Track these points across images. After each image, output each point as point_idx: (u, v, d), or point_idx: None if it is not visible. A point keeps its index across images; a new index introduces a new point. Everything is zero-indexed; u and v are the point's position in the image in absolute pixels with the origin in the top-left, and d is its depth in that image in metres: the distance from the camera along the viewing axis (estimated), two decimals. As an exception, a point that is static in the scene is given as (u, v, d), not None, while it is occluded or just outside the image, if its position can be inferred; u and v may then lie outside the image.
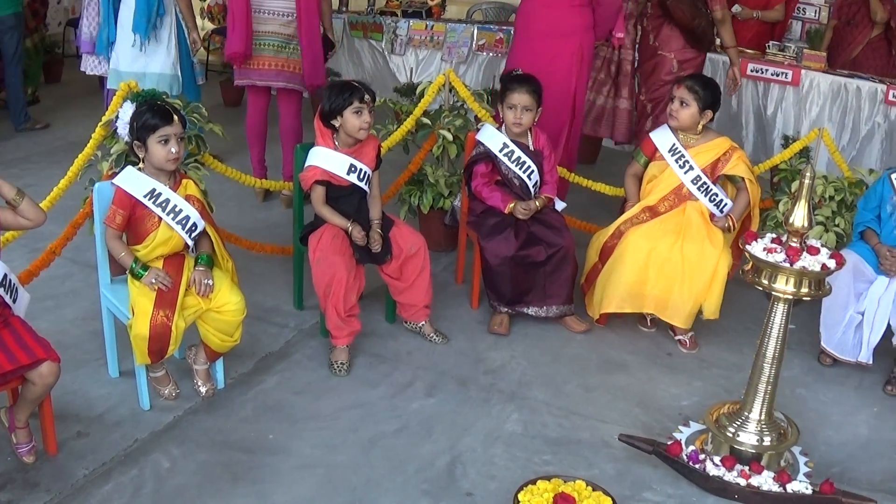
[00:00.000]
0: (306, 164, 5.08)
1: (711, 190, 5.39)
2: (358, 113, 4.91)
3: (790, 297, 3.95)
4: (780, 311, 4.05)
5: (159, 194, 4.39)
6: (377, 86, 6.60)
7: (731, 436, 4.19)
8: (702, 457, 4.16)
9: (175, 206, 4.41)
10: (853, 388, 5.20)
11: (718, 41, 7.46)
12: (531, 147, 5.55)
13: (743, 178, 5.43)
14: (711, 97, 5.41)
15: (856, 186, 5.92)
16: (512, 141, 5.49)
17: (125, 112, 4.63)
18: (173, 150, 4.34)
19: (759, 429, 4.17)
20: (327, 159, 5.02)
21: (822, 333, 5.26)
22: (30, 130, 8.87)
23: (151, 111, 4.37)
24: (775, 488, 4.02)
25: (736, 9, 8.98)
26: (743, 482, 4.06)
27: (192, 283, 4.41)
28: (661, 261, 5.29)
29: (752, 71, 8.66)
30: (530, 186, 5.52)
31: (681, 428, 4.47)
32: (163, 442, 4.33)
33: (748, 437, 4.16)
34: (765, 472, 4.06)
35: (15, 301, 4.08)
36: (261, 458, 4.26)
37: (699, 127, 5.45)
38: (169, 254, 4.49)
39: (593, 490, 3.84)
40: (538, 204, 5.46)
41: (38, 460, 4.11)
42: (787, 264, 3.86)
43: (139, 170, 4.43)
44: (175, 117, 4.39)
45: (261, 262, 6.09)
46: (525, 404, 4.82)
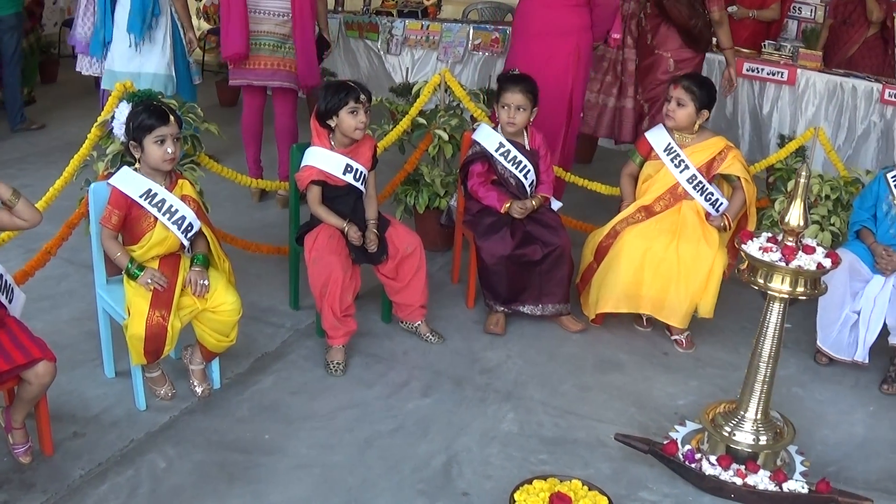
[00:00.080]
0: (302, 164, 5.08)
1: (707, 189, 5.39)
2: (354, 113, 4.91)
3: (786, 296, 3.95)
4: (775, 311, 4.05)
5: (155, 195, 4.39)
6: (373, 86, 6.62)
7: (727, 435, 4.19)
8: (698, 456, 4.16)
9: (171, 206, 4.41)
10: (849, 388, 5.21)
11: (715, 41, 7.46)
12: (527, 146, 5.55)
13: (739, 178, 5.43)
14: (708, 97, 5.41)
15: (851, 185, 5.92)
16: (508, 140, 5.49)
17: (121, 112, 4.62)
18: (169, 150, 4.34)
19: (755, 428, 4.17)
20: (323, 159, 5.02)
21: (818, 333, 5.26)
22: (26, 131, 8.86)
23: (147, 111, 4.36)
24: (771, 487, 4.02)
25: (732, 8, 8.96)
26: (739, 481, 4.06)
27: (188, 283, 4.41)
28: (657, 261, 5.29)
29: (747, 70, 8.65)
30: (526, 186, 5.52)
31: (677, 427, 4.47)
32: (159, 442, 4.32)
33: (744, 437, 4.17)
34: (761, 472, 4.07)
35: (11, 301, 4.08)
36: (257, 458, 4.26)
37: (696, 126, 5.45)
38: (165, 254, 4.48)
39: (589, 489, 3.85)
40: (534, 203, 5.46)
41: (35, 461, 4.11)
42: (783, 263, 3.86)
43: (135, 170, 4.42)
44: (171, 117, 4.39)
45: (257, 262, 6.09)
46: (521, 404, 4.82)
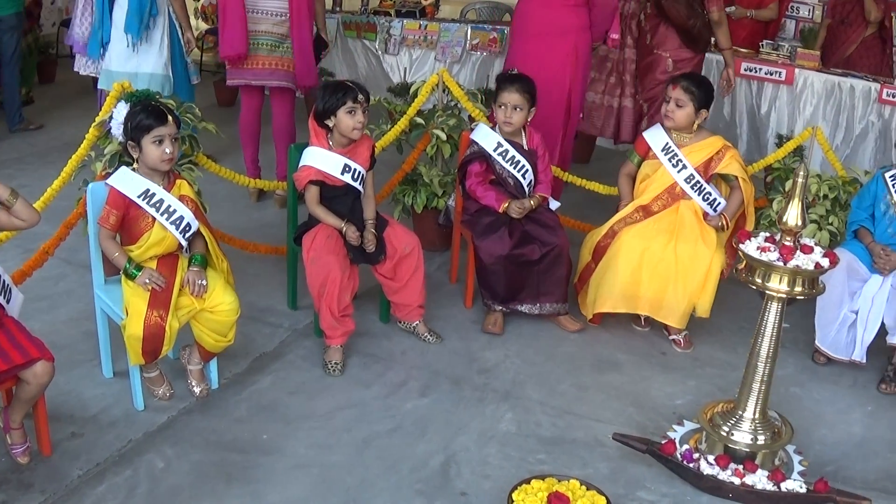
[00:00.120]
0: (300, 164, 5.07)
1: (705, 189, 5.39)
2: (351, 113, 4.91)
3: (784, 295, 3.95)
4: (773, 310, 4.05)
5: (153, 195, 4.38)
6: (371, 86, 6.61)
7: (725, 435, 4.19)
8: (696, 456, 4.17)
9: (169, 206, 4.40)
10: (847, 387, 5.21)
11: (713, 41, 7.46)
12: (525, 146, 5.55)
13: (736, 177, 5.43)
14: (706, 96, 5.42)
15: (850, 185, 5.92)
16: (506, 140, 5.49)
17: (119, 112, 4.61)
18: (167, 150, 4.33)
19: (753, 427, 4.18)
20: (321, 159, 5.02)
21: (817, 332, 5.27)
22: (24, 131, 8.84)
23: (146, 111, 4.36)
24: (769, 487, 4.02)
25: (730, 8, 8.96)
26: (737, 481, 4.06)
27: (186, 283, 4.41)
28: (655, 261, 5.30)
29: (745, 70, 8.66)
30: (524, 185, 5.52)
31: (675, 427, 4.47)
32: (157, 442, 4.32)
33: (742, 436, 4.17)
34: (759, 471, 4.06)
35: (8, 301, 4.08)
36: (255, 458, 4.26)
37: (695, 126, 5.45)
38: (163, 254, 4.48)
39: (587, 489, 3.85)
40: (532, 203, 5.46)
41: (33, 461, 4.11)
42: (781, 263, 3.86)
43: (133, 170, 4.42)
44: (169, 118, 4.38)
45: (255, 262, 6.08)
46: (519, 404, 4.82)
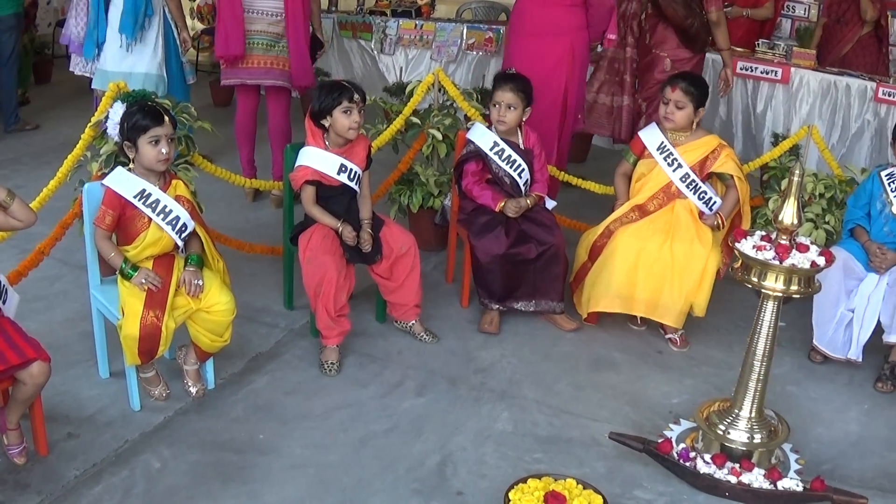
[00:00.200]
0: (297, 164, 5.07)
1: (700, 188, 5.40)
2: (347, 112, 4.91)
3: (780, 294, 3.95)
4: (769, 309, 4.05)
5: (149, 195, 4.38)
6: (367, 86, 6.60)
7: (721, 433, 4.20)
8: (692, 454, 4.16)
9: (165, 206, 4.40)
10: (844, 386, 5.21)
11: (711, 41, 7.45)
12: (521, 145, 5.55)
13: (732, 176, 5.43)
14: (703, 94, 5.44)
15: (846, 184, 5.93)
16: (502, 139, 5.49)
17: (115, 112, 4.61)
18: (164, 150, 4.33)
19: (749, 426, 4.18)
20: (318, 159, 5.02)
21: (814, 331, 5.27)
22: (20, 131, 8.84)
23: (142, 112, 4.36)
24: (766, 486, 4.03)
25: (726, 7, 8.93)
26: (733, 480, 4.06)
27: (182, 283, 4.41)
28: (651, 260, 5.30)
29: (741, 69, 8.64)
30: (521, 185, 5.52)
31: (671, 426, 4.47)
32: (153, 443, 4.32)
33: (739, 435, 4.17)
34: (755, 470, 4.06)
35: (4, 302, 4.08)
36: (251, 458, 4.25)
37: (693, 125, 5.46)
38: (159, 254, 4.48)
39: (584, 488, 3.85)
40: (529, 202, 5.47)
41: (29, 461, 4.10)
42: (777, 262, 3.86)
43: (129, 170, 4.42)
44: (166, 118, 4.38)
45: (251, 262, 6.08)
46: (515, 403, 4.82)
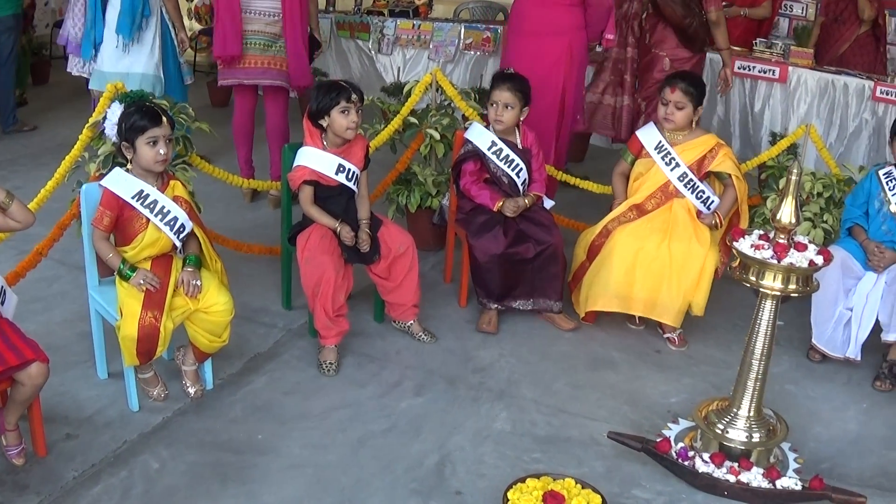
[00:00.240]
0: (295, 164, 5.07)
1: (698, 187, 5.39)
2: (345, 112, 4.90)
3: (778, 293, 3.95)
4: (767, 308, 4.05)
5: (147, 195, 4.38)
6: (364, 86, 6.59)
7: (720, 432, 4.20)
8: (691, 454, 4.17)
9: (163, 207, 4.40)
10: (842, 384, 5.21)
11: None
12: (519, 145, 5.55)
13: (730, 175, 5.43)
14: (701, 94, 5.45)
15: (844, 183, 5.93)
16: (500, 139, 5.49)
17: (113, 113, 4.61)
18: (161, 151, 4.33)
19: (748, 425, 4.18)
20: (316, 159, 5.01)
21: (813, 330, 5.27)
22: (17, 132, 8.83)
23: (140, 112, 4.35)
24: (765, 485, 4.03)
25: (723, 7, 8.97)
26: (732, 479, 4.06)
27: (180, 283, 4.40)
28: (649, 260, 5.30)
29: (739, 68, 8.63)
30: (519, 184, 5.52)
31: (670, 425, 4.47)
32: (152, 443, 4.32)
33: (737, 434, 4.17)
34: (754, 469, 4.07)
35: (3, 303, 4.07)
36: (250, 458, 4.25)
37: (693, 125, 5.46)
38: (157, 255, 4.47)
39: (582, 488, 3.85)
40: (527, 202, 5.47)
41: (28, 462, 4.10)
42: (775, 261, 3.86)
43: (127, 171, 4.41)
44: (164, 119, 4.37)
45: (249, 262, 6.08)
46: (514, 402, 4.82)
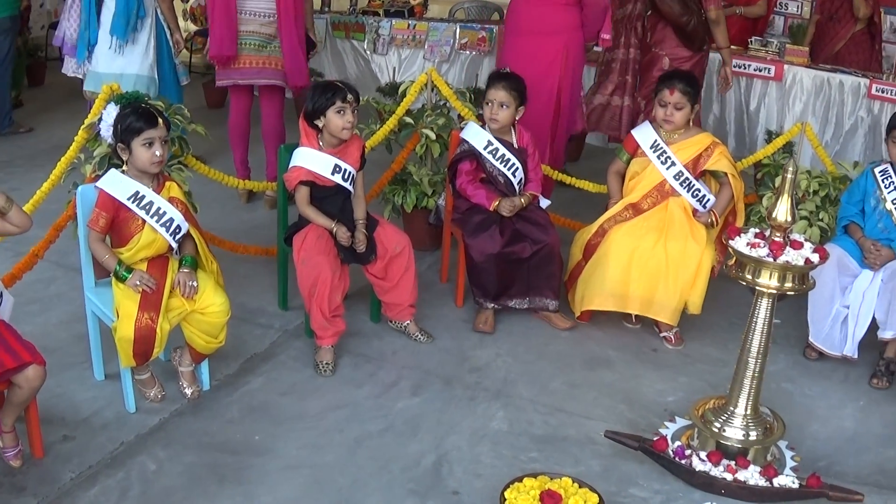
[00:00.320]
0: (291, 165, 5.07)
1: (694, 186, 5.40)
2: (341, 112, 4.90)
3: (774, 291, 3.95)
4: (764, 306, 4.06)
5: (143, 197, 4.37)
6: (360, 86, 6.60)
7: (716, 431, 4.20)
8: (688, 452, 4.16)
9: (159, 208, 4.40)
10: (839, 382, 5.21)
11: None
12: (515, 145, 5.55)
13: (726, 174, 5.44)
14: (697, 91, 5.46)
15: (840, 181, 5.93)
16: (496, 138, 5.49)
17: (108, 114, 4.61)
18: (157, 153, 4.32)
19: (744, 423, 4.18)
20: (312, 160, 5.01)
21: (810, 328, 5.26)
22: (13, 134, 8.81)
23: (135, 114, 4.35)
24: (762, 483, 4.03)
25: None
26: (729, 477, 4.06)
27: (177, 284, 4.40)
28: (645, 259, 5.30)
29: (735, 66, 8.55)
30: (515, 184, 5.52)
31: (666, 424, 4.47)
32: (149, 444, 4.32)
33: (734, 432, 4.17)
34: (751, 467, 4.07)
35: (-1, 305, 4.08)
36: (247, 459, 4.25)
37: (690, 123, 5.47)
38: (153, 256, 4.47)
39: (579, 487, 3.85)
40: (523, 201, 5.47)
41: (25, 464, 4.10)
42: (771, 259, 3.86)
43: (122, 172, 4.41)
44: (159, 120, 4.37)
45: (245, 263, 6.07)
46: (510, 402, 4.82)
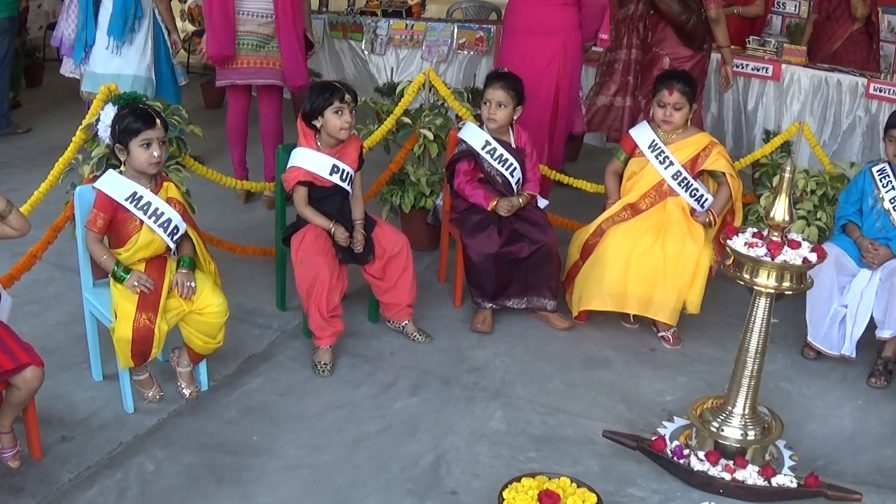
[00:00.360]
0: (289, 165, 5.07)
1: (692, 185, 5.39)
2: (338, 113, 4.90)
3: (772, 291, 3.95)
4: (762, 306, 4.06)
5: (141, 197, 4.37)
6: (358, 86, 6.56)
7: (715, 430, 4.20)
8: (686, 452, 4.17)
9: (157, 209, 4.39)
10: (837, 381, 5.21)
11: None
12: (513, 144, 5.55)
13: (724, 173, 5.43)
14: (695, 91, 5.46)
15: (837, 180, 5.93)
16: (494, 138, 5.49)
17: (106, 115, 4.60)
18: (155, 153, 4.32)
19: (742, 423, 4.19)
20: (310, 160, 5.01)
21: (808, 328, 5.26)
22: (11, 135, 8.81)
23: (133, 115, 4.35)
24: (760, 482, 4.03)
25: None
26: (727, 477, 4.06)
27: (175, 285, 4.40)
28: (643, 258, 5.30)
29: (733, 66, 8.61)
30: (513, 184, 5.52)
31: (665, 423, 4.48)
32: (147, 445, 4.32)
33: (732, 432, 4.18)
34: (749, 467, 4.07)
35: (-3, 306, 4.08)
36: (245, 459, 4.25)
37: (688, 123, 5.47)
38: (151, 257, 4.47)
39: (578, 486, 3.85)
40: (521, 201, 5.47)
41: (23, 465, 4.10)
42: (769, 258, 3.86)
43: (120, 173, 4.41)
44: (157, 121, 4.37)
45: (243, 263, 6.07)
46: (509, 402, 4.82)
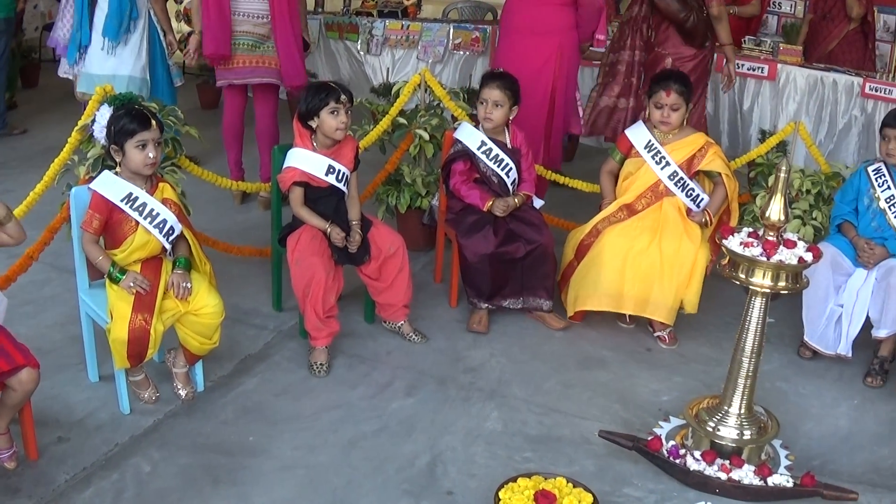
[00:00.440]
0: (285, 166, 5.07)
1: (688, 185, 5.40)
2: (334, 113, 4.90)
3: (767, 290, 3.96)
4: (757, 305, 4.06)
5: (136, 198, 4.37)
6: (353, 87, 6.60)
7: (711, 430, 4.21)
8: (682, 452, 4.17)
9: (152, 210, 4.39)
10: (833, 381, 5.22)
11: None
12: (509, 144, 5.56)
13: (720, 174, 5.44)
14: (692, 91, 5.46)
15: (833, 180, 5.94)
16: (490, 138, 5.49)
17: (102, 116, 4.60)
18: (151, 154, 4.32)
19: (738, 423, 4.19)
20: (306, 160, 5.01)
21: (805, 328, 5.26)
22: (7, 136, 8.81)
23: (129, 116, 4.34)
24: (756, 482, 4.03)
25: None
26: (724, 476, 4.06)
27: (171, 286, 4.40)
28: (639, 259, 5.29)
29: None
30: (508, 184, 5.53)
31: (661, 423, 4.49)
32: (143, 446, 4.31)
33: (728, 432, 4.18)
34: (745, 466, 4.07)
35: (-7, 307, 4.07)
36: (241, 460, 4.25)
37: (684, 123, 5.48)
38: (146, 257, 4.46)
39: (574, 486, 3.85)
40: (516, 201, 5.47)
41: (20, 466, 4.09)
42: (764, 258, 3.87)
43: (116, 174, 4.41)
44: (153, 122, 4.36)
45: (239, 264, 6.07)
46: (505, 402, 4.82)
